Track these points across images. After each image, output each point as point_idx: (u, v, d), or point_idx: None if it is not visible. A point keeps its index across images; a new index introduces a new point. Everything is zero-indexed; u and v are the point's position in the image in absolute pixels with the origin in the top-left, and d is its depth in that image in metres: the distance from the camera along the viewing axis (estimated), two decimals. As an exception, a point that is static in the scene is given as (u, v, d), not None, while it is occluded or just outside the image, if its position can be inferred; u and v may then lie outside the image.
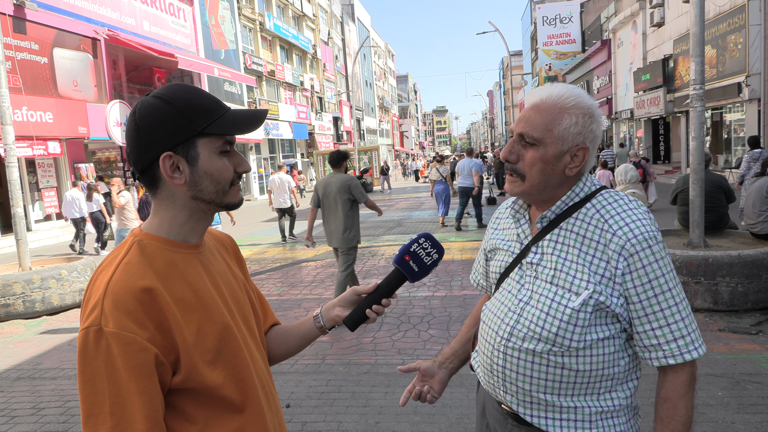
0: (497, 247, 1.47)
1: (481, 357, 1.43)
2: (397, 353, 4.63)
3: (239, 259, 1.32)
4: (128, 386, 0.93)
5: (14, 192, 6.90)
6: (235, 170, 1.10)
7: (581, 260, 1.25)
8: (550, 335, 1.25)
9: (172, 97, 1.04)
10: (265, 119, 1.12)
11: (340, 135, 42.84)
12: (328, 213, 5.63)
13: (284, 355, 1.35)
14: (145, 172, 1.06)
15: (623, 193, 1.32)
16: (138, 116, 1.04)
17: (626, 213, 1.25)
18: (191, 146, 1.05)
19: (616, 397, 1.29)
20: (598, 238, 1.25)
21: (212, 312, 1.06)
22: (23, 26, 13.24)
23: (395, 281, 1.25)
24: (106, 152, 18.33)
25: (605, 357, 1.26)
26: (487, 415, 1.51)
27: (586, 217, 1.28)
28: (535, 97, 1.33)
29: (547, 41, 39.24)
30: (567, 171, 1.30)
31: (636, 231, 1.21)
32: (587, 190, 1.33)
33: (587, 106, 1.29)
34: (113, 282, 0.97)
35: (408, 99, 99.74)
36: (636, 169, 5.95)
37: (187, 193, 1.07)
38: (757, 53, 14.02)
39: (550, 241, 1.31)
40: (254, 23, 28.71)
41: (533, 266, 1.32)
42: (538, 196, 1.34)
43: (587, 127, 1.28)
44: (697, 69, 5.39)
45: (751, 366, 3.90)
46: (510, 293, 1.37)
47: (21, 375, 4.69)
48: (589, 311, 1.23)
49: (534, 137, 1.28)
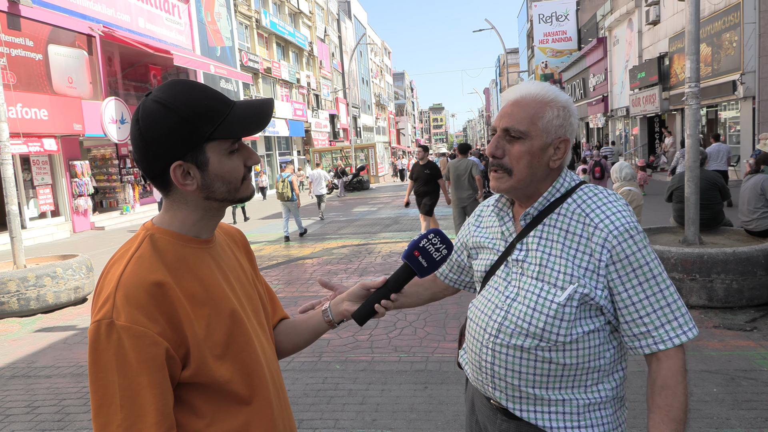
0: (482, 245, 1.48)
1: (470, 354, 1.45)
2: (394, 350, 4.63)
3: (249, 253, 1.32)
4: (139, 379, 0.93)
5: (9, 189, 6.87)
6: (244, 164, 1.09)
7: (565, 255, 1.28)
8: (537, 330, 1.27)
9: (174, 103, 1.00)
10: (272, 113, 1.10)
11: (337, 132, 42.78)
12: (458, 185, 8.37)
13: (293, 349, 1.36)
14: (156, 179, 1.06)
15: (602, 187, 1.35)
16: (142, 126, 1.01)
17: (606, 206, 1.28)
18: (200, 152, 1.03)
19: (602, 388, 1.32)
20: (581, 232, 1.27)
21: (222, 306, 1.07)
22: (17, 22, 13.15)
23: (404, 276, 1.26)
24: (102, 149, 18.28)
25: (591, 350, 1.28)
26: (476, 412, 1.53)
27: (567, 212, 1.31)
28: (514, 93, 1.35)
29: (543, 39, 39.26)
30: (551, 163, 1.33)
31: (617, 222, 1.24)
32: (567, 185, 1.36)
33: (564, 100, 1.34)
34: (125, 275, 0.97)
35: (404, 96, 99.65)
36: (631, 166, 5.95)
37: (200, 195, 1.07)
38: (752, 51, 14.07)
39: (534, 238, 1.33)
40: (250, 20, 28.62)
41: (519, 263, 1.34)
42: (523, 191, 1.35)
43: (567, 119, 1.33)
44: (692, 67, 5.41)
45: (746, 362, 3.93)
46: (497, 290, 1.39)
47: (15, 373, 4.68)
48: (575, 305, 1.25)
49: (520, 131, 1.30)
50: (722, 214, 6.20)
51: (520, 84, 1.37)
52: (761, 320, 4.76)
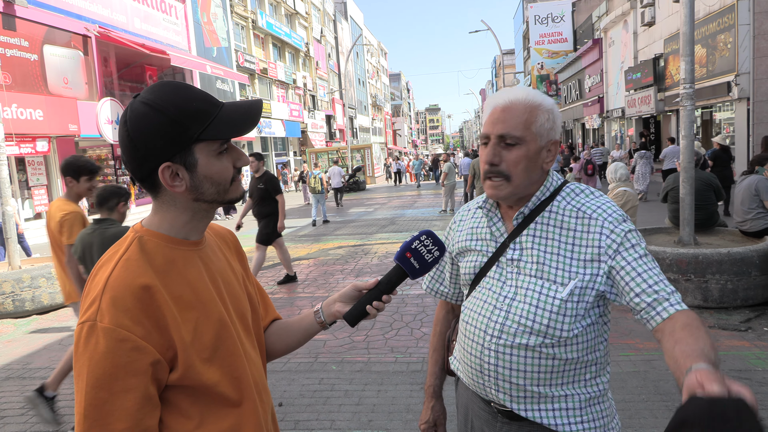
0: (467, 249, 1.48)
1: (468, 358, 1.43)
2: (390, 351, 4.63)
3: (240, 254, 1.31)
4: (111, 385, 0.93)
5: (3, 190, 6.85)
6: (234, 166, 1.09)
7: (563, 251, 1.30)
8: (542, 327, 1.29)
9: (162, 104, 1.00)
10: (261, 113, 1.10)
11: (333, 133, 42.75)
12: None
13: (285, 350, 1.35)
14: (144, 180, 1.05)
15: (584, 185, 1.41)
16: (130, 127, 1.01)
17: (595, 200, 1.35)
18: (189, 153, 1.03)
19: (600, 382, 1.36)
20: (575, 225, 1.31)
21: (210, 310, 1.06)
22: (13, 23, 13.10)
23: (396, 278, 1.26)
24: (97, 150, 18.20)
25: (588, 343, 1.32)
26: (471, 417, 1.52)
27: (559, 209, 1.35)
28: (501, 99, 1.35)
29: (539, 40, 39.32)
30: (544, 165, 1.37)
31: (609, 211, 1.32)
32: (555, 184, 1.39)
33: (550, 104, 1.37)
34: (112, 278, 0.97)
35: (401, 97, 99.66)
36: (626, 167, 5.98)
37: (189, 197, 1.06)
38: (747, 53, 14.13)
39: (528, 236, 1.35)
40: (246, 21, 28.58)
41: (514, 262, 1.35)
42: (519, 194, 1.36)
43: (555, 123, 1.36)
44: (687, 68, 5.43)
45: (741, 362, 3.94)
46: (492, 291, 1.38)
47: (10, 375, 4.66)
48: (576, 300, 1.28)
49: (516, 136, 1.31)
50: (717, 215, 6.23)
51: (503, 90, 1.36)
52: (756, 320, 4.79)
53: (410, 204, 18.39)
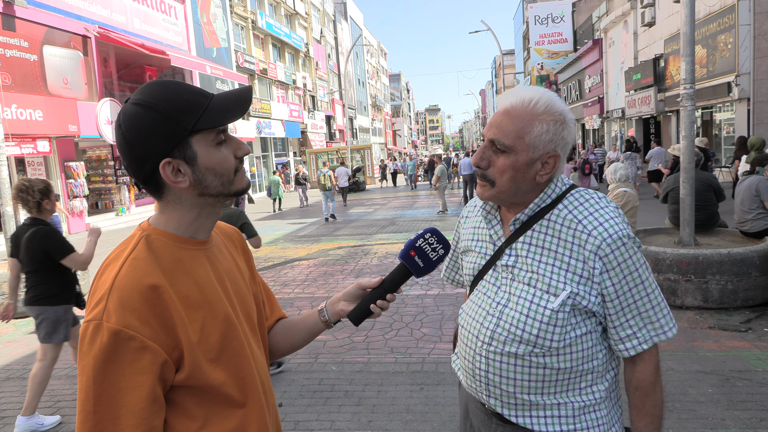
0: (469, 249, 1.47)
1: (463, 361, 1.43)
2: (390, 352, 4.63)
3: (246, 252, 1.31)
4: (117, 382, 0.92)
5: (3, 190, 6.84)
6: (235, 156, 1.08)
7: (557, 262, 1.26)
8: (531, 337, 1.26)
9: (153, 102, 0.99)
10: (252, 98, 1.09)
11: (333, 133, 42.76)
12: None
13: (290, 348, 1.35)
14: (147, 182, 1.04)
15: (592, 191, 1.33)
16: (125, 129, 1.00)
17: (599, 213, 1.27)
18: (187, 146, 1.02)
19: (596, 390, 1.31)
20: (572, 239, 1.26)
21: (217, 310, 1.06)
22: (12, 23, 13.10)
23: (400, 276, 1.25)
24: (97, 150, 18.22)
25: (584, 352, 1.28)
26: (470, 416, 1.51)
27: (558, 218, 1.29)
28: (506, 101, 1.31)
29: (539, 40, 39.34)
30: (538, 178, 1.29)
31: (610, 230, 1.23)
32: (558, 191, 1.33)
33: (558, 111, 1.27)
34: (120, 278, 0.97)
35: (401, 98, 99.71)
36: (626, 168, 5.97)
37: (194, 193, 1.05)
38: (747, 53, 14.13)
39: (524, 244, 1.31)
40: (246, 21, 28.58)
41: (508, 268, 1.33)
42: (509, 200, 1.34)
43: (558, 134, 1.27)
44: (687, 68, 5.43)
45: (741, 363, 3.94)
46: (486, 296, 1.37)
47: (10, 375, 4.65)
48: (567, 311, 1.24)
49: (505, 144, 1.27)
50: (717, 216, 6.23)
51: (516, 88, 1.32)
52: (756, 321, 4.78)
53: (410, 204, 18.40)
